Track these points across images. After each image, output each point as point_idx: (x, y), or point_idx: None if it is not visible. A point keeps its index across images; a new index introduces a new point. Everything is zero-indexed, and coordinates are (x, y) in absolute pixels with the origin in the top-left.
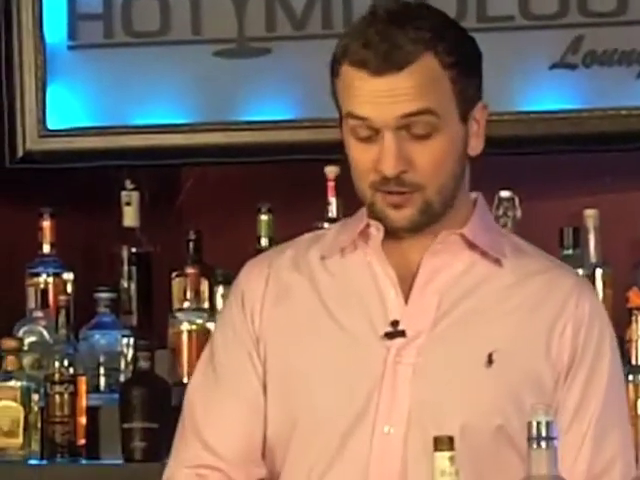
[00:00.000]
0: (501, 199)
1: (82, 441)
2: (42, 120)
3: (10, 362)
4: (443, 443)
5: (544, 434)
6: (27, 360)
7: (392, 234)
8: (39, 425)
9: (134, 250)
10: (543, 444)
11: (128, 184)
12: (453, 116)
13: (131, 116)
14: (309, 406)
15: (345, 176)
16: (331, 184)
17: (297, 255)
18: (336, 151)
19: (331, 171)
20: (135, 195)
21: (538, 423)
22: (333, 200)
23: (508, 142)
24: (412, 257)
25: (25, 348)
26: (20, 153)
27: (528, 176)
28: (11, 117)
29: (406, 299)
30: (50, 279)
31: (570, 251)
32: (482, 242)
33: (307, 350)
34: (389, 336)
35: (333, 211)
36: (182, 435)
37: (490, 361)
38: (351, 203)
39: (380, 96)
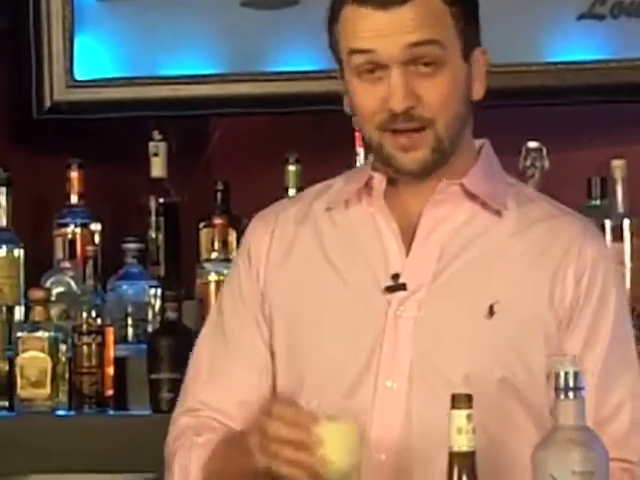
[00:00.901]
0: (529, 150)
1: (110, 392)
2: (70, 71)
3: (38, 313)
4: (460, 401)
5: (572, 384)
6: (55, 311)
7: (394, 184)
8: (67, 376)
9: (162, 201)
10: (571, 395)
11: (156, 135)
12: (456, 52)
13: (159, 66)
14: (314, 363)
15: None
16: (359, 134)
17: (302, 208)
18: None
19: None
20: (163, 146)
21: (566, 373)
22: (361, 150)
23: (536, 93)
24: (413, 208)
25: (53, 299)
26: (48, 104)
27: (556, 127)
28: (39, 68)
29: (408, 251)
30: (78, 230)
31: (598, 202)
32: (482, 192)
33: (311, 306)
34: (390, 290)
35: (361, 161)
36: (185, 388)
37: (491, 312)
38: None
39: (385, 29)
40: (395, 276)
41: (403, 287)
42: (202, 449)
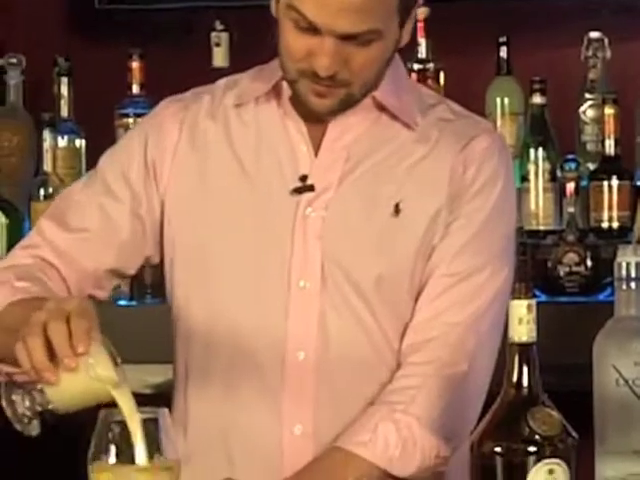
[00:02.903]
0: (590, 40)
1: None
2: None
3: None
4: (520, 291)
5: (633, 275)
6: None
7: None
8: None
9: None
10: (633, 285)
11: (218, 25)
12: (394, 27)
13: None
14: (222, 264)
15: (434, 17)
16: (420, 25)
17: (213, 100)
18: None
19: (422, 12)
20: (225, 36)
21: (627, 264)
22: (422, 41)
23: None
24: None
25: None
26: None
27: (617, 16)
28: None
29: (316, 154)
30: (139, 119)
31: None
32: (392, 105)
33: (218, 206)
34: (298, 191)
35: (422, 52)
36: (49, 213)
37: (397, 211)
38: (441, 44)
39: (329, 5)
40: (303, 177)
41: (311, 188)
42: (12, 292)
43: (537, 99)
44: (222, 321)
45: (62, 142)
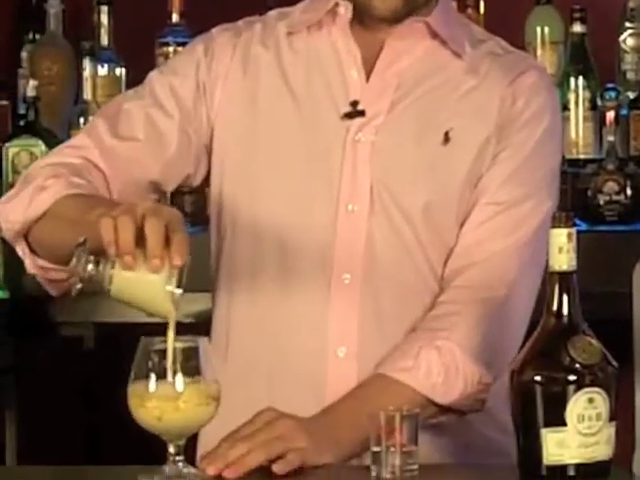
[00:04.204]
0: None
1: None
2: None
3: None
4: (561, 220)
5: None
6: None
7: (359, 16)
8: (169, 195)
9: None
10: None
11: None
12: None
13: None
14: (272, 186)
15: None
16: None
17: (265, 29)
18: None
19: None
20: None
21: None
22: None
23: None
24: (376, 40)
25: None
26: None
27: None
28: None
29: (367, 80)
30: (179, 48)
31: None
32: (444, 33)
33: (268, 131)
34: (349, 116)
35: None
36: (101, 115)
37: (447, 139)
38: None
39: None
40: (354, 103)
41: (362, 113)
42: (68, 186)
43: (577, 28)
44: (269, 243)
45: (102, 71)
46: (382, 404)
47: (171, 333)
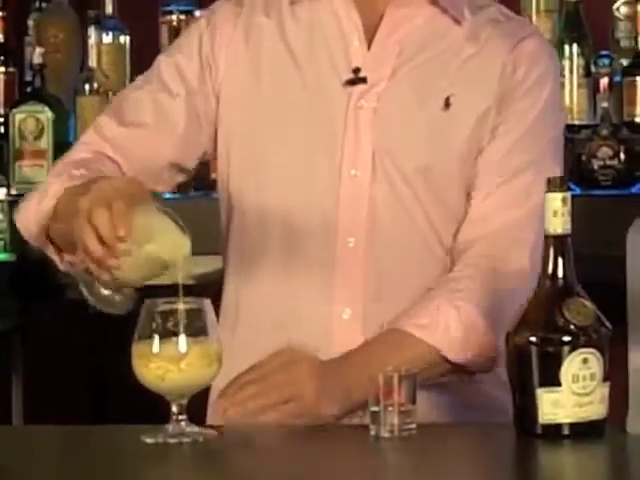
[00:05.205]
0: None
1: (214, 175)
2: None
3: None
4: (555, 184)
5: None
6: None
7: None
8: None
9: None
10: None
11: None
12: None
13: None
14: (275, 153)
15: None
16: None
17: None
18: None
19: None
20: None
21: None
22: None
23: None
24: (378, 8)
25: None
26: None
27: None
28: None
29: (369, 48)
30: (182, 17)
31: None
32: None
33: (272, 98)
34: (351, 83)
35: None
36: (107, 110)
37: (447, 105)
38: None
39: None
40: (356, 70)
41: (363, 80)
42: (68, 179)
43: None
44: (275, 209)
45: (107, 38)
46: (394, 358)
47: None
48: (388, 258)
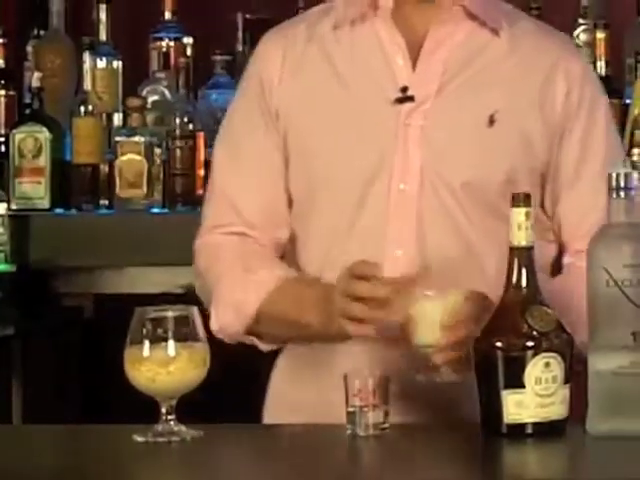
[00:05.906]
0: None
1: (200, 191)
2: None
3: (134, 119)
4: (520, 200)
5: (622, 185)
6: (150, 117)
7: (400, 6)
8: (161, 177)
9: (248, 17)
10: (622, 194)
11: None
12: None
13: None
14: (328, 170)
15: None
16: None
17: (309, 27)
18: None
19: None
20: None
21: (617, 175)
22: None
23: None
24: (418, 27)
25: (148, 106)
26: None
27: None
28: None
29: (413, 67)
30: (172, 43)
31: None
32: (481, 12)
33: (323, 120)
34: (399, 101)
35: None
36: (209, 200)
37: (492, 121)
38: None
39: None
40: (404, 89)
41: (411, 99)
42: (259, 287)
43: None
44: (327, 227)
45: (101, 63)
46: None
47: None
48: (435, 267)
